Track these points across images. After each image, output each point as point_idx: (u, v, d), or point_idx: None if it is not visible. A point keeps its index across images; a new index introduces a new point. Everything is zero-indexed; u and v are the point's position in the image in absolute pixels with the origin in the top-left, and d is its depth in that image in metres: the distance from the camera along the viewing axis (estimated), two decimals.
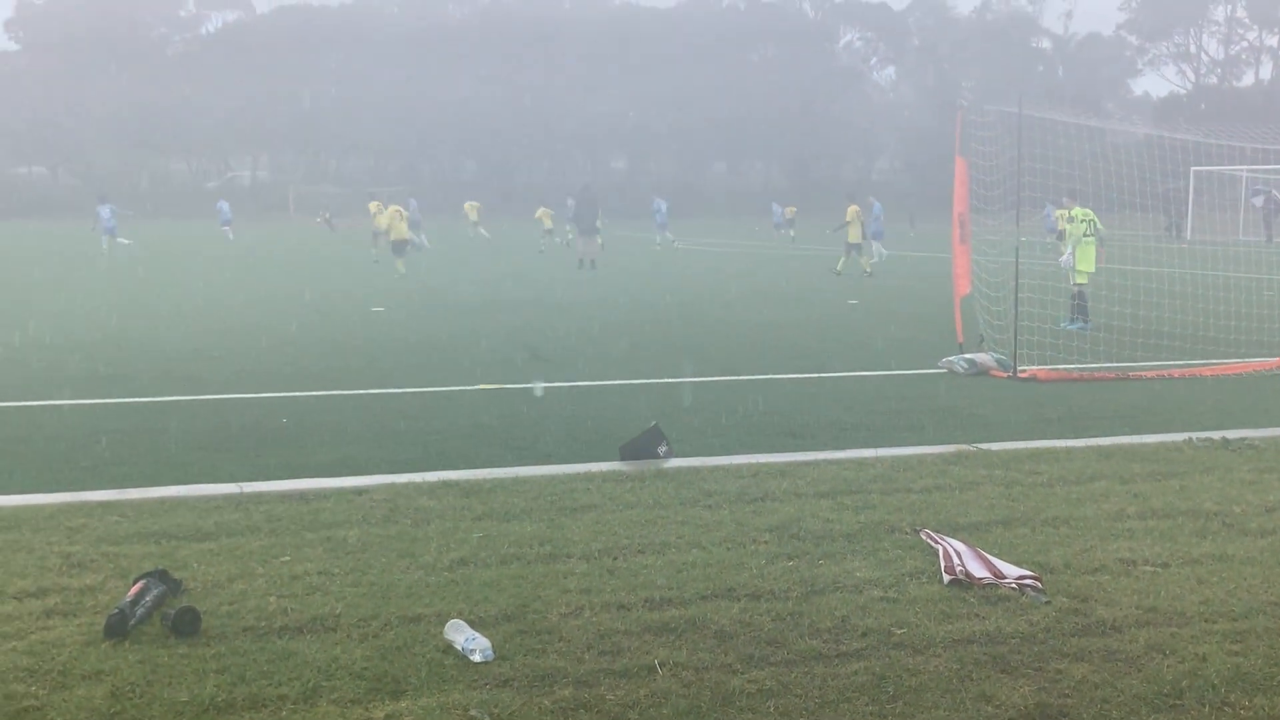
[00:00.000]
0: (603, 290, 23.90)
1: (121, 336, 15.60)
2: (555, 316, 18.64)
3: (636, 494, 7.15)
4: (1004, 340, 13.21)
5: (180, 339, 15.35)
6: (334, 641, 4.83)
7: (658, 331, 16.63)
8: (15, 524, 6.40)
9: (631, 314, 19.19)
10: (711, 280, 26.97)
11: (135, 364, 13.09)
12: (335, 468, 8.02)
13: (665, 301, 21.40)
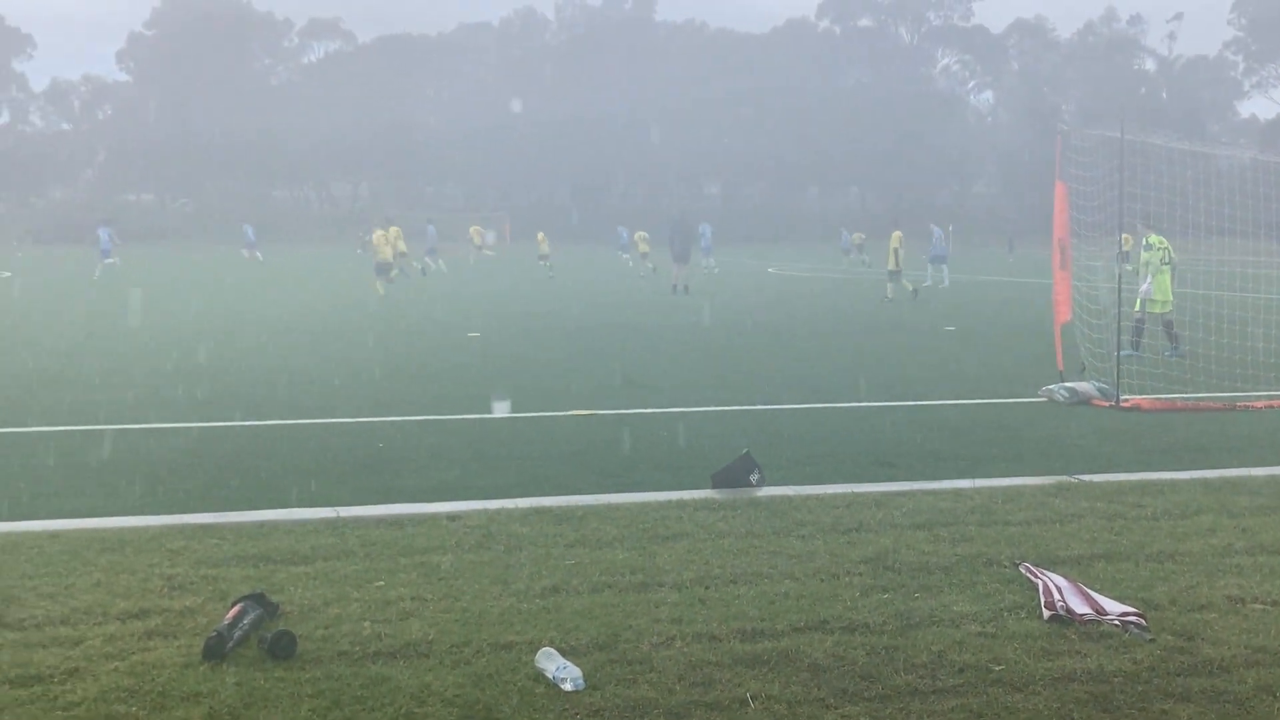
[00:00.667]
0: (695, 315, 23.89)
1: (222, 361, 15.93)
2: (648, 341, 18.66)
3: (728, 522, 7.10)
4: (1106, 368, 12.93)
5: (279, 363, 15.63)
6: (426, 668, 4.85)
7: (749, 357, 16.56)
8: (119, 545, 6.54)
9: (723, 339, 19.15)
10: (803, 306, 26.84)
11: (236, 388, 13.35)
12: (429, 493, 8.08)
13: (757, 327, 21.33)
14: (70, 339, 18.92)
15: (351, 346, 17.81)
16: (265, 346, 17.81)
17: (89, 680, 4.70)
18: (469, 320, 22.38)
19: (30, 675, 4.75)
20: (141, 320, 22.44)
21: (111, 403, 12.16)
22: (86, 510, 7.51)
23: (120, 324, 21.59)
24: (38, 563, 6.21)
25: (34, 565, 6.16)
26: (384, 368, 15.16)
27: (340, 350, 17.28)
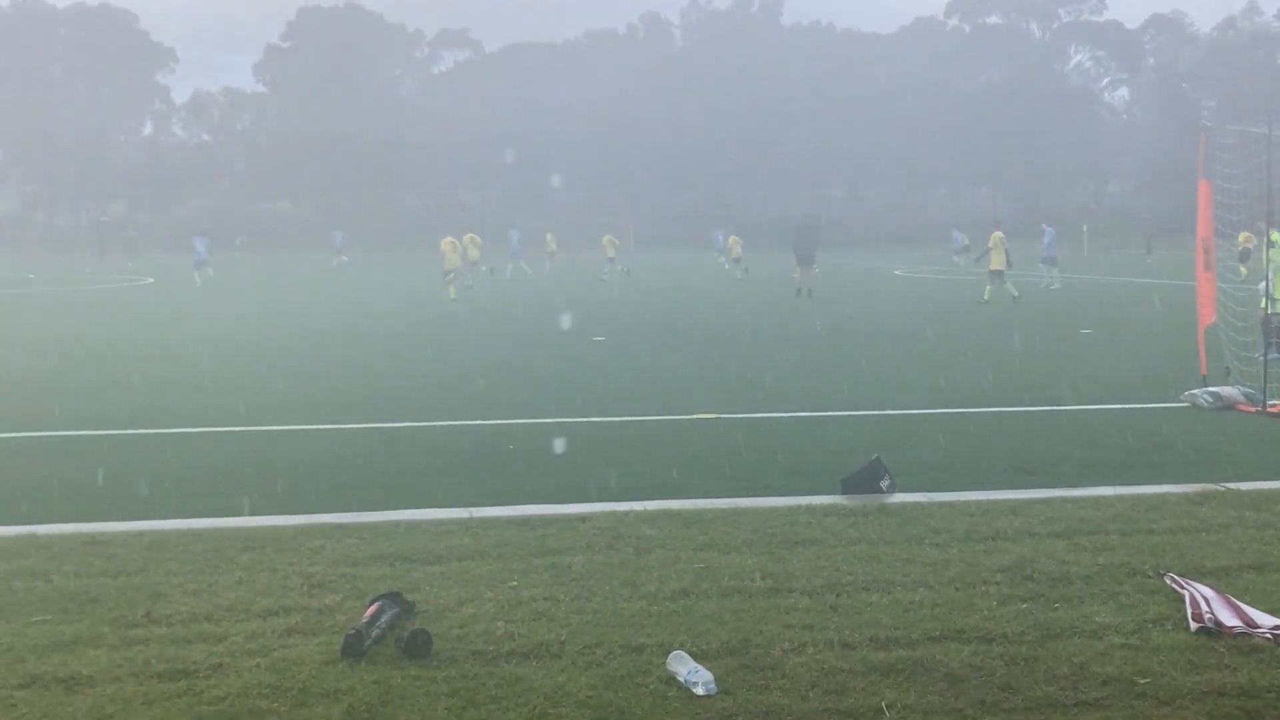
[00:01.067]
0: (820, 319, 23.70)
1: (358, 364, 16.27)
2: (774, 346, 18.56)
3: (859, 529, 7.01)
4: (1252, 373, 12.47)
5: (412, 367, 15.91)
6: (559, 669, 4.88)
7: (877, 361, 16.36)
8: (260, 544, 6.71)
9: (850, 343, 18.94)
10: (930, 308, 26.42)
11: (371, 390, 13.64)
12: (559, 494, 8.14)
13: (884, 330, 21.07)
14: (207, 343, 19.50)
15: (480, 351, 18.05)
16: (395, 351, 18.15)
17: (232, 676, 4.83)
18: (594, 325, 22.51)
19: (177, 670, 4.89)
20: (277, 325, 23.05)
21: (250, 406, 12.50)
22: (228, 510, 7.73)
23: (254, 329, 22.20)
24: (183, 560, 6.41)
25: (179, 563, 6.36)
26: (512, 371, 15.34)
27: (468, 354, 17.53)
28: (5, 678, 4.81)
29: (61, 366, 16.12)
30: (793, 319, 23.94)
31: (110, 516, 7.52)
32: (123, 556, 6.48)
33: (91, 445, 10.29)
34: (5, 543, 6.75)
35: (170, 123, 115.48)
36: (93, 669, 4.90)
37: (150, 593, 5.86)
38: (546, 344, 19.04)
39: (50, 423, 11.37)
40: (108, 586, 5.95)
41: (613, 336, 20.08)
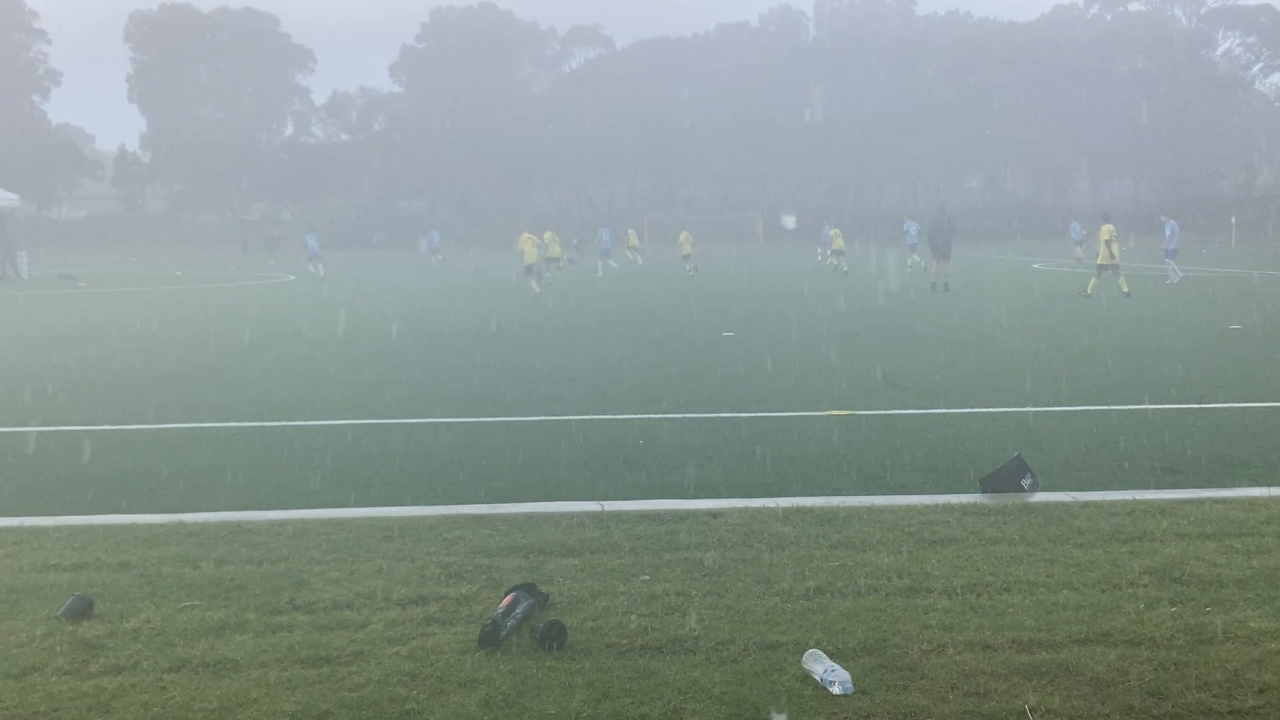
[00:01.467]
0: (956, 314, 23.27)
1: (487, 359, 16.47)
2: (908, 341, 18.28)
3: (1000, 528, 6.85)
4: None
5: (541, 362, 16.06)
6: (694, 664, 4.86)
7: (1016, 356, 15.98)
8: (399, 534, 6.83)
9: (988, 338, 18.56)
10: (1069, 302, 25.72)
11: (503, 384, 13.79)
12: (690, 490, 8.13)
13: (1024, 325, 20.59)
14: (342, 339, 19.95)
15: (611, 345, 18.12)
16: (523, 346, 18.33)
17: (372, 663, 4.92)
18: (725, 320, 22.45)
19: (319, 656, 5.00)
20: (405, 321, 23.48)
21: (388, 399, 12.75)
22: (368, 500, 7.89)
23: (382, 326, 22.65)
24: (325, 549, 6.55)
25: (322, 551, 6.50)
26: (643, 366, 15.37)
27: (598, 348, 17.62)
28: (156, 661, 4.97)
29: (209, 360, 16.64)
30: (928, 314, 23.55)
31: (255, 506, 7.73)
32: (268, 545, 6.65)
33: (237, 436, 10.60)
34: (156, 530, 6.98)
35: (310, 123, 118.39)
36: (239, 654, 5.03)
37: (294, 580, 6.00)
38: (675, 340, 19.03)
39: (200, 414, 11.74)
40: (253, 574, 6.12)
41: (741, 332, 19.99)
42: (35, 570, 6.24)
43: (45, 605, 5.65)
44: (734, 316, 23.31)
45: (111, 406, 12.30)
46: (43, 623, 5.44)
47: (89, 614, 5.50)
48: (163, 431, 10.84)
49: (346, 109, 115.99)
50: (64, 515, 7.47)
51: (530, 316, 24.10)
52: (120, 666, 4.92)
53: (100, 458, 9.59)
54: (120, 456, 9.65)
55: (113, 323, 23.89)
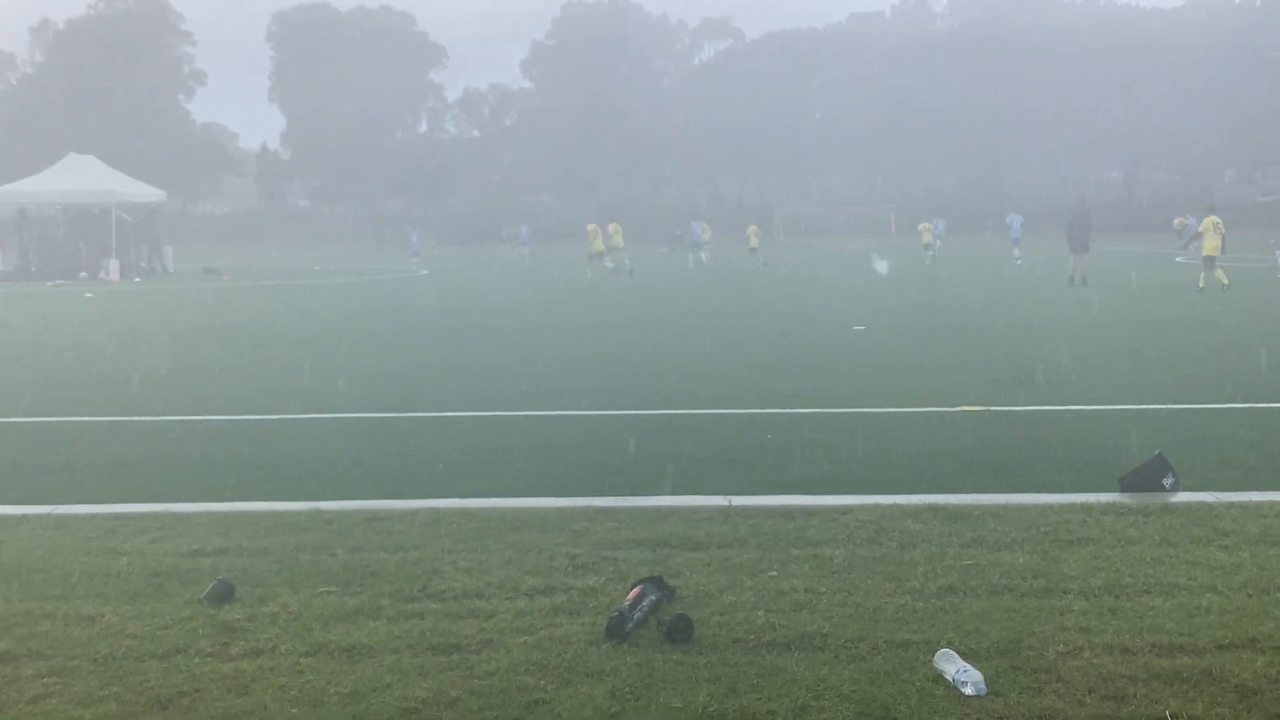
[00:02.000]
0: (1095, 308, 22.66)
1: (615, 352, 16.54)
2: (1043, 336, 17.85)
3: (1140, 529, 6.64)
4: None
5: (668, 356, 16.07)
6: (821, 661, 4.81)
7: (1156, 352, 15.50)
8: (528, 525, 6.90)
9: (1128, 333, 18.02)
10: (1212, 297, 24.86)
11: (629, 378, 13.84)
12: (818, 485, 8.05)
13: (1164, 320, 19.96)
14: (468, 332, 20.24)
15: (738, 338, 18.06)
16: (648, 340, 18.37)
17: (501, 652, 4.97)
18: (855, 314, 22.21)
19: (450, 644, 5.07)
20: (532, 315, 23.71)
21: (512, 392, 12.89)
22: (499, 490, 7.99)
23: (512, 318, 22.91)
24: (456, 538, 6.65)
25: (453, 541, 6.60)
26: (771, 359, 15.28)
27: (725, 341, 17.56)
28: (293, 645, 5.10)
29: (344, 353, 17.02)
30: (1064, 308, 22.97)
31: (389, 495, 7.89)
32: (401, 533, 6.78)
33: (371, 427, 10.83)
34: (294, 518, 7.16)
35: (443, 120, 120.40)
36: (372, 639, 5.13)
37: (426, 568, 6.10)
38: (804, 333, 18.88)
39: (336, 406, 12.02)
40: (387, 561, 6.24)
41: (872, 326, 19.75)
42: (180, 555, 6.46)
43: (189, 589, 5.84)
44: (865, 310, 23.03)
45: (252, 397, 12.67)
46: (186, 605, 5.62)
47: (230, 598, 5.67)
48: (302, 422, 11.12)
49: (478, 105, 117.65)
50: (207, 502, 7.71)
51: (654, 310, 24.16)
52: (259, 649, 5.06)
53: (242, 447, 9.88)
54: (261, 446, 9.93)
55: (254, 315, 24.61)
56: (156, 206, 47.47)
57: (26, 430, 10.86)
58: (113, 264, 40.25)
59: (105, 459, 9.36)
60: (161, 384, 13.79)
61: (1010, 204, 67.13)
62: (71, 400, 12.49)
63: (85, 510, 7.50)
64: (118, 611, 5.54)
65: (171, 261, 45.21)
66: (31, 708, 4.51)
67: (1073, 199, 38.24)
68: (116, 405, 12.06)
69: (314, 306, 27.15)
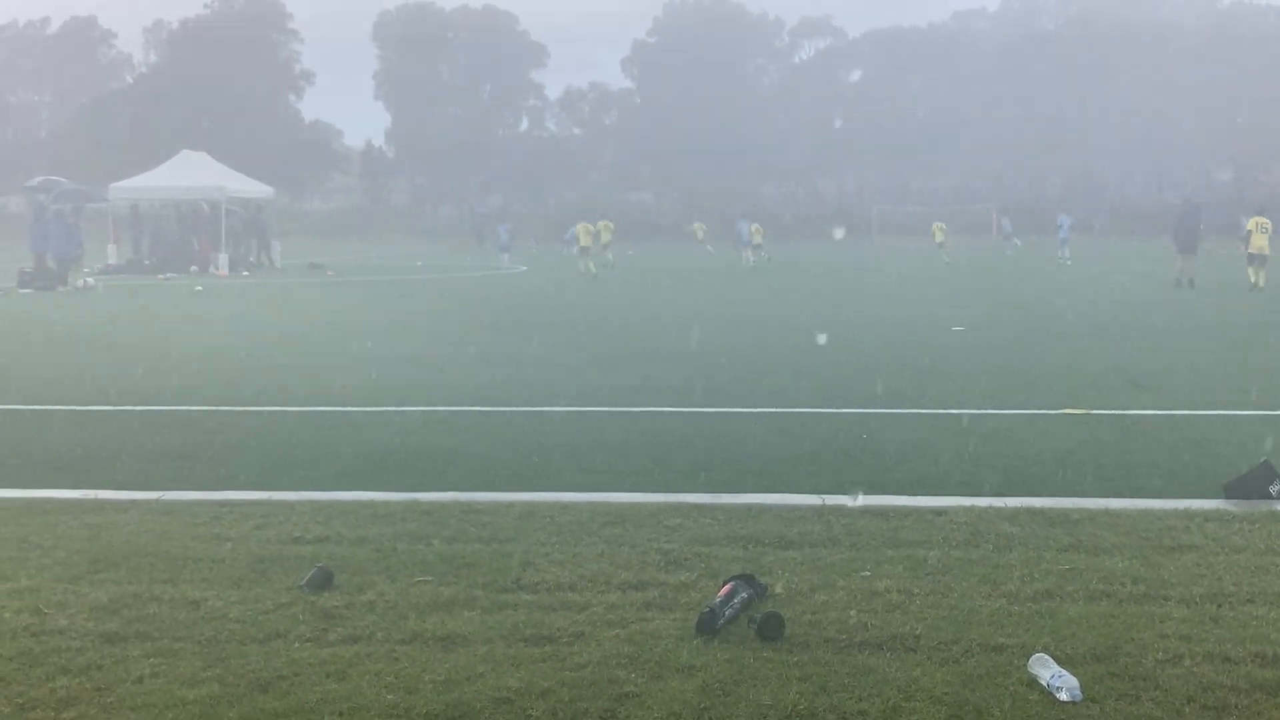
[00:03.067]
0: (1203, 311, 22.12)
1: (716, 347, 16.51)
2: (1150, 338, 17.47)
3: (1245, 537, 6.49)
4: None
5: (766, 352, 16.02)
6: (914, 663, 4.78)
7: (1267, 356, 15.09)
8: (621, 519, 6.94)
9: (1235, 336, 17.56)
10: None
11: (727, 374, 13.82)
12: (913, 486, 7.98)
13: (1274, 324, 19.40)
14: (566, 325, 20.36)
15: (836, 336, 17.93)
16: (752, 336, 18.32)
17: (593, 645, 5.02)
18: (956, 314, 21.93)
19: (542, 635, 5.13)
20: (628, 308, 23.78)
21: (608, 386, 12.96)
22: (593, 485, 8.04)
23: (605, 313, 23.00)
24: (550, 531, 6.72)
25: (547, 534, 6.67)
26: (868, 358, 15.16)
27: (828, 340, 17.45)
28: (390, 632, 5.20)
29: (441, 346, 17.23)
30: (1171, 310, 22.45)
31: (485, 487, 7.99)
32: (496, 525, 6.87)
33: (466, 420, 10.96)
34: (392, 508, 7.29)
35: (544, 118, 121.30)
36: (467, 629, 5.21)
37: (520, 560, 6.18)
38: (901, 333, 18.69)
39: (432, 398, 12.19)
40: (481, 553, 6.32)
41: (972, 326, 19.49)
42: (281, 542, 6.61)
43: (290, 575, 5.98)
44: (965, 310, 22.73)
45: (354, 389, 12.90)
46: (287, 592, 5.75)
47: (329, 585, 5.80)
48: (399, 414, 11.30)
49: (579, 104, 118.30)
50: (309, 491, 7.88)
51: (751, 309, 24.09)
52: (356, 636, 5.16)
53: (342, 438, 10.08)
54: (361, 437, 10.11)
55: (358, 309, 25.04)
56: (265, 202, 48.50)
57: (139, 418, 11.18)
58: (222, 258, 41.22)
59: (213, 447, 9.61)
60: (265, 375, 14.10)
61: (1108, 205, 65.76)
62: (181, 390, 12.83)
63: (193, 497, 7.72)
64: (221, 596, 5.70)
65: (279, 256, 46.15)
66: (137, 687, 4.66)
67: (1179, 199, 37.41)
68: (223, 395, 12.36)
69: (413, 301, 27.53)
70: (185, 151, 47.15)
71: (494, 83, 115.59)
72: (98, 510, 7.34)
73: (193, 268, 41.43)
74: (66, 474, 8.58)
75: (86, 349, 17.45)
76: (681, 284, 33.89)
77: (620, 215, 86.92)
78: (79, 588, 5.86)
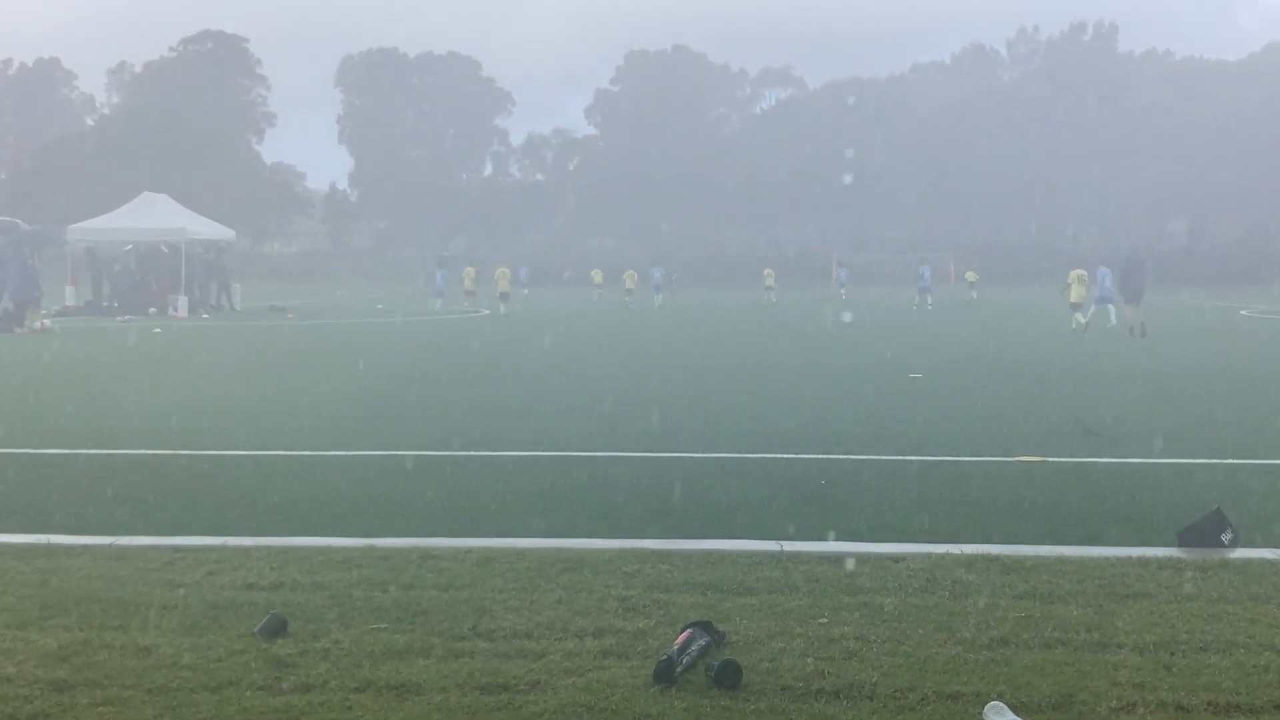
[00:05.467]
0: (1156, 360, 22.38)
1: (672, 395, 16.55)
2: (1103, 386, 17.66)
3: (1197, 585, 6.55)
4: None
5: (725, 398, 16.06)
6: (870, 710, 4.78)
7: (1219, 405, 15.27)
8: (579, 565, 6.92)
9: (1188, 385, 17.76)
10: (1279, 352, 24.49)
11: (684, 421, 13.84)
12: (872, 533, 8.01)
13: (1226, 373, 19.67)
14: (526, 373, 20.35)
15: (792, 384, 18.01)
16: (706, 382, 18.36)
17: (549, 694, 4.99)
18: (913, 361, 22.09)
19: (498, 684, 5.10)
20: (590, 355, 23.80)
21: (569, 430, 12.94)
22: (551, 530, 8.02)
23: (572, 360, 23.01)
24: (507, 577, 6.69)
25: (504, 580, 6.64)
26: (826, 405, 15.23)
27: (780, 387, 17.52)
28: (344, 681, 5.15)
29: (400, 390, 17.17)
30: (1123, 359, 22.70)
31: (442, 532, 7.95)
32: (453, 571, 6.83)
33: (427, 464, 10.91)
34: (348, 553, 7.24)
35: (508, 163, 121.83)
36: (422, 678, 5.17)
37: (476, 607, 6.14)
38: (859, 380, 18.78)
39: (392, 443, 12.13)
40: (438, 599, 6.28)
41: (932, 374, 19.62)
42: (235, 588, 6.55)
43: (243, 622, 5.91)
44: (924, 357, 22.89)
45: (310, 433, 12.83)
46: (240, 639, 5.69)
47: (283, 632, 5.74)
48: (357, 458, 11.24)
49: (542, 150, 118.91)
50: (265, 536, 7.81)
51: (710, 353, 24.16)
52: (310, 685, 5.11)
53: (299, 482, 10.00)
54: (317, 481, 10.04)
55: (315, 352, 24.93)
56: (226, 245, 48.31)
57: (94, 461, 11.06)
58: (181, 301, 40.97)
59: (168, 491, 9.51)
60: (222, 418, 13.99)
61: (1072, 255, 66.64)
62: (137, 433, 12.71)
63: (146, 542, 7.64)
64: (173, 643, 5.63)
65: (239, 299, 45.93)
66: None
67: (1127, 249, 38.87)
68: (178, 439, 12.26)
69: (373, 344, 27.44)
70: (146, 193, 46.96)
71: (458, 128, 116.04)
72: (49, 555, 7.25)
73: (151, 310, 41.18)
74: (18, 518, 8.47)
75: (42, 391, 17.26)
76: (630, 329, 33.95)
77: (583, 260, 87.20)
78: (28, 634, 5.77)
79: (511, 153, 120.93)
